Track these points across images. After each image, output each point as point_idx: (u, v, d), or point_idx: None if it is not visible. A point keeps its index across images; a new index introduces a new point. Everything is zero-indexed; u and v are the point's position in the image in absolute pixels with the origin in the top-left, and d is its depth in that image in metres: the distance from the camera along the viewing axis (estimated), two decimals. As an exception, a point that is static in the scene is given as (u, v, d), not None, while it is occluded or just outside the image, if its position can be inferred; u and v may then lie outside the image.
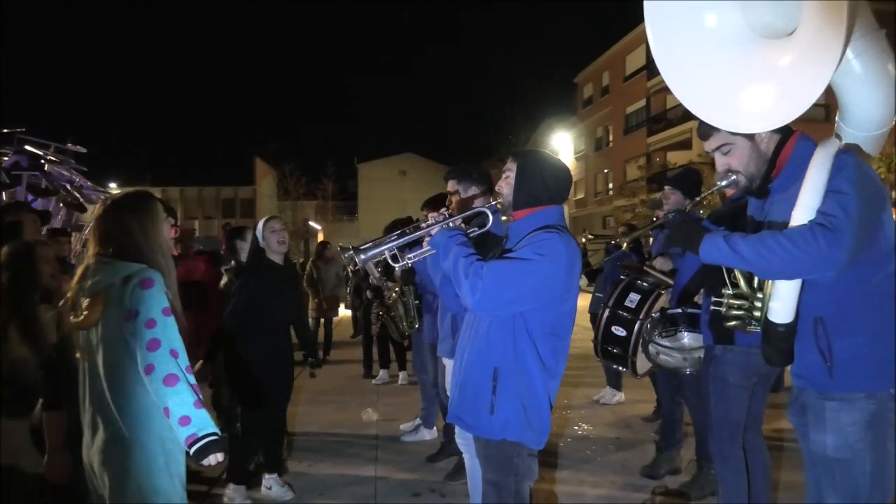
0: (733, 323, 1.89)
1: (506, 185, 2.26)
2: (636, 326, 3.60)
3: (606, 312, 3.76)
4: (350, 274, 9.64)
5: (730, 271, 1.86)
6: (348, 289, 11.21)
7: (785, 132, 1.88)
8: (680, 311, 3.26)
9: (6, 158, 11.32)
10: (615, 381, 6.03)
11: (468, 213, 2.38)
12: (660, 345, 3.30)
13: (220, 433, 1.96)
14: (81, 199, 11.83)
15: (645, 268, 3.85)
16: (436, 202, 5.37)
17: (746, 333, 1.97)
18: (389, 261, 2.23)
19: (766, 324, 1.81)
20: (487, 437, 2.18)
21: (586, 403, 5.98)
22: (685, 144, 26.33)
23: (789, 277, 1.73)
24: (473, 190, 3.22)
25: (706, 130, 1.95)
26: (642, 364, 3.65)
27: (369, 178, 47.43)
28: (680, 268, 3.24)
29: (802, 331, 1.80)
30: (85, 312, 2.00)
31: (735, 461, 2.80)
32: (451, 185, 3.24)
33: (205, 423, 1.93)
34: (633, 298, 3.69)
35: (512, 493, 2.19)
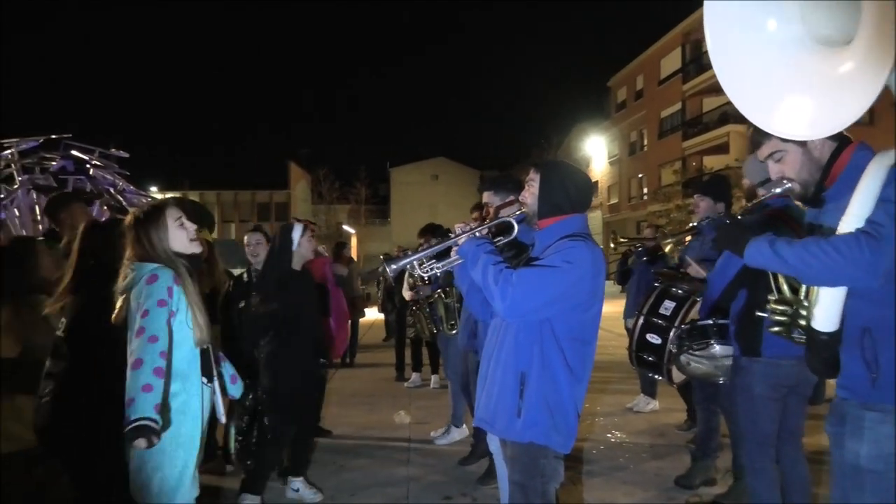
0: (776, 329, 1.87)
1: (529, 195, 2.33)
2: (671, 334, 3.56)
3: (641, 320, 3.73)
4: (382, 279, 9.75)
5: (774, 277, 1.84)
6: (379, 293, 11.33)
7: (841, 140, 1.85)
8: (710, 322, 3.23)
9: (54, 163, 11.76)
10: (649, 389, 5.95)
11: (494, 222, 2.44)
12: (691, 354, 3.27)
13: (151, 421, 2.01)
14: (124, 203, 12.20)
15: (681, 272, 3.80)
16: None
17: (794, 343, 1.94)
18: (418, 270, 2.32)
19: (810, 331, 1.78)
20: (514, 440, 2.22)
21: (619, 411, 5.91)
22: (722, 148, 25.86)
23: (832, 284, 1.70)
24: (509, 199, 3.26)
25: (759, 138, 1.95)
26: (678, 372, 3.61)
27: (401, 182, 47.73)
28: (709, 279, 3.20)
29: (848, 341, 1.76)
30: (117, 310, 2.24)
31: (767, 474, 2.74)
32: (486, 197, 3.30)
33: (141, 408, 2.00)
34: (668, 306, 3.65)
35: (538, 494, 2.22)
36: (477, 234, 2.32)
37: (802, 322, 1.81)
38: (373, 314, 15.37)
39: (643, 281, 5.53)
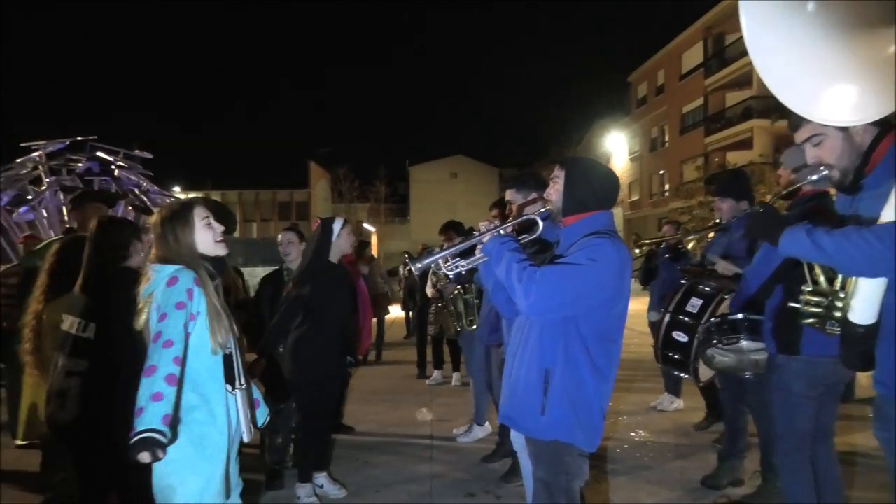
0: (810, 321, 1.82)
1: (554, 192, 2.31)
2: (698, 332, 3.51)
3: (667, 317, 3.68)
4: (403, 277, 9.77)
5: (810, 267, 1.80)
6: (401, 291, 11.36)
7: (883, 126, 1.79)
8: (741, 317, 3.17)
9: (80, 165, 11.97)
10: (674, 388, 5.88)
11: (519, 220, 2.42)
12: (718, 348, 3.23)
13: (158, 433, 1.88)
14: (148, 203, 12.39)
15: (707, 269, 3.74)
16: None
17: (827, 338, 1.89)
18: (443, 269, 2.32)
19: (846, 324, 1.74)
20: (538, 438, 2.21)
21: (643, 409, 5.86)
22: (745, 144, 25.47)
23: (872, 275, 1.65)
24: (532, 196, 3.25)
25: (796, 121, 1.89)
26: (705, 370, 3.55)
27: (420, 180, 47.80)
28: (746, 274, 3.14)
29: (886, 334, 1.72)
30: (140, 314, 2.16)
31: (803, 474, 2.69)
32: (510, 195, 3.30)
33: (148, 419, 1.88)
34: (695, 303, 3.60)
35: (563, 491, 2.20)
36: (501, 231, 2.31)
37: (838, 314, 1.77)
38: (394, 312, 15.40)
39: (667, 278, 5.47)
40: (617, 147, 34.54)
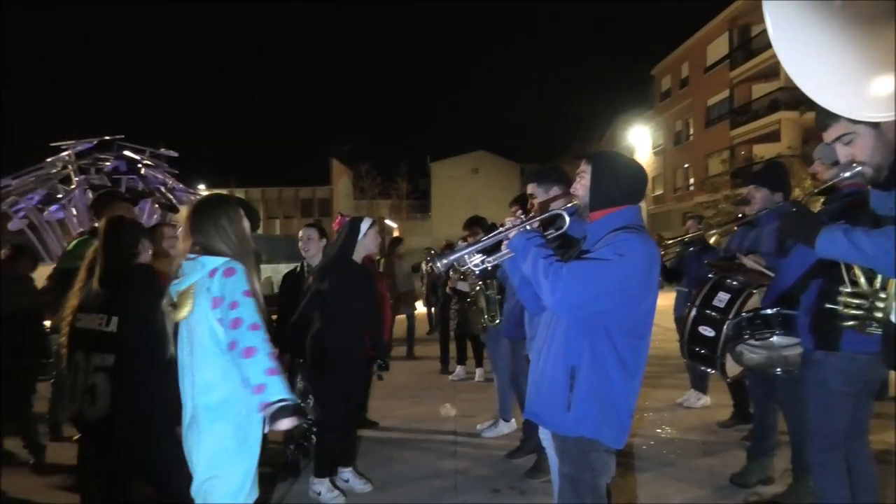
0: (851, 323, 1.78)
1: (581, 186, 2.28)
2: (725, 326, 3.45)
3: (693, 312, 3.61)
4: (426, 273, 9.79)
5: (849, 268, 1.75)
6: (424, 287, 11.39)
7: None
8: (774, 312, 3.11)
9: (108, 164, 12.21)
10: (700, 384, 5.81)
11: (545, 215, 2.39)
12: (748, 343, 3.17)
13: (291, 399, 2.04)
14: (174, 200, 12.59)
15: (736, 264, 3.67)
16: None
17: (867, 335, 1.84)
18: (469, 265, 2.31)
19: (888, 325, 1.69)
20: (564, 434, 2.20)
21: (668, 406, 5.79)
22: (773, 136, 24.98)
23: None
24: (555, 190, 3.22)
25: (825, 120, 1.84)
26: (732, 366, 3.49)
27: (442, 176, 47.81)
28: (781, 268, 3.06)
29: None
30: (181, 306, 2.20)
31: (837, 472, 2.63)
32: (531, 188, 3.27)
33: (276, 390, 2.02)
34: (723, 298, 3.52)
35: (589, 487, 2.18)
36: (527, 227, 2.29)
37: (879, 315, 1.72)
38: (417, 307, 15.37)
39: (693, 272, 5.38)
40: (640, 141, 34.09)
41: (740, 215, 3.93)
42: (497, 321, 5.03)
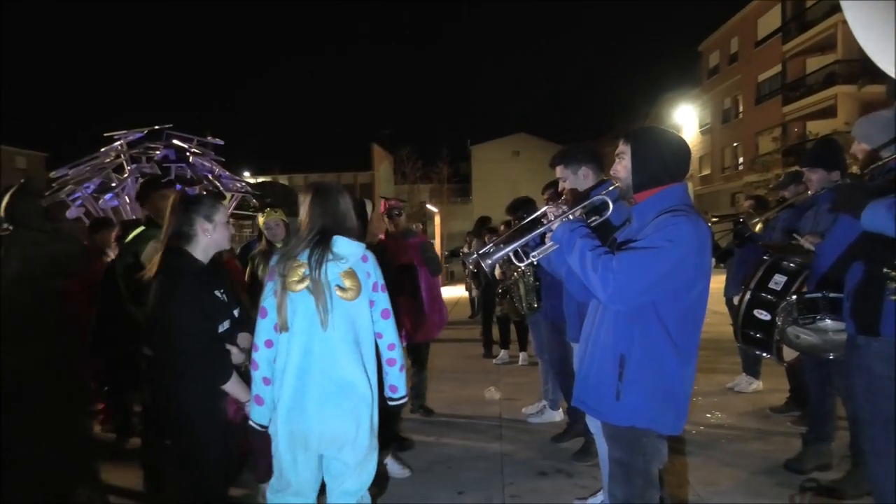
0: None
1: (622, 168, 2.18)
2: (781, 309, 3.34)
3: (748, 295, 3.51)
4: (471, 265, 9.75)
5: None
6: (465, 271, 11.40)
7: None
8: (820, 295, 2.99)
9: (158, 152, 12.54)
10: (752, 369, 5.65)
11: (588, 202, 2.30)
12: (798, 326, 3.07)
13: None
14: (221, 188, 12.85)
15: (792, 244, 3.54)
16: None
17: None
18: (514, 261, 2.27)
19: None
20: (614, 423, 2.14)
21: (719, 391, 5.67)
22: (828, 112, 23.91)
23: None
24: (584, 170, 3.14)
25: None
26: (789, 351, 3.38)
27: (482, 159, 47.53)
28: (819, 250, 2.94)
29: None
30: (349, 288, 2.29)
31: (891, 461, 2.52)
32: (559, 171, 3.19)
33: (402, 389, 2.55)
34: (779, 280, 3.41)
35: (640, 472, 2.13)
36: (570, 216, 2.21)
37: None
38: (458, 292, 15.44)
39: (745, 253, 5.21)
40: (686, 120, 33.15)
41: (781, 199, 3.77)
42: (536, 306, 4.99)
